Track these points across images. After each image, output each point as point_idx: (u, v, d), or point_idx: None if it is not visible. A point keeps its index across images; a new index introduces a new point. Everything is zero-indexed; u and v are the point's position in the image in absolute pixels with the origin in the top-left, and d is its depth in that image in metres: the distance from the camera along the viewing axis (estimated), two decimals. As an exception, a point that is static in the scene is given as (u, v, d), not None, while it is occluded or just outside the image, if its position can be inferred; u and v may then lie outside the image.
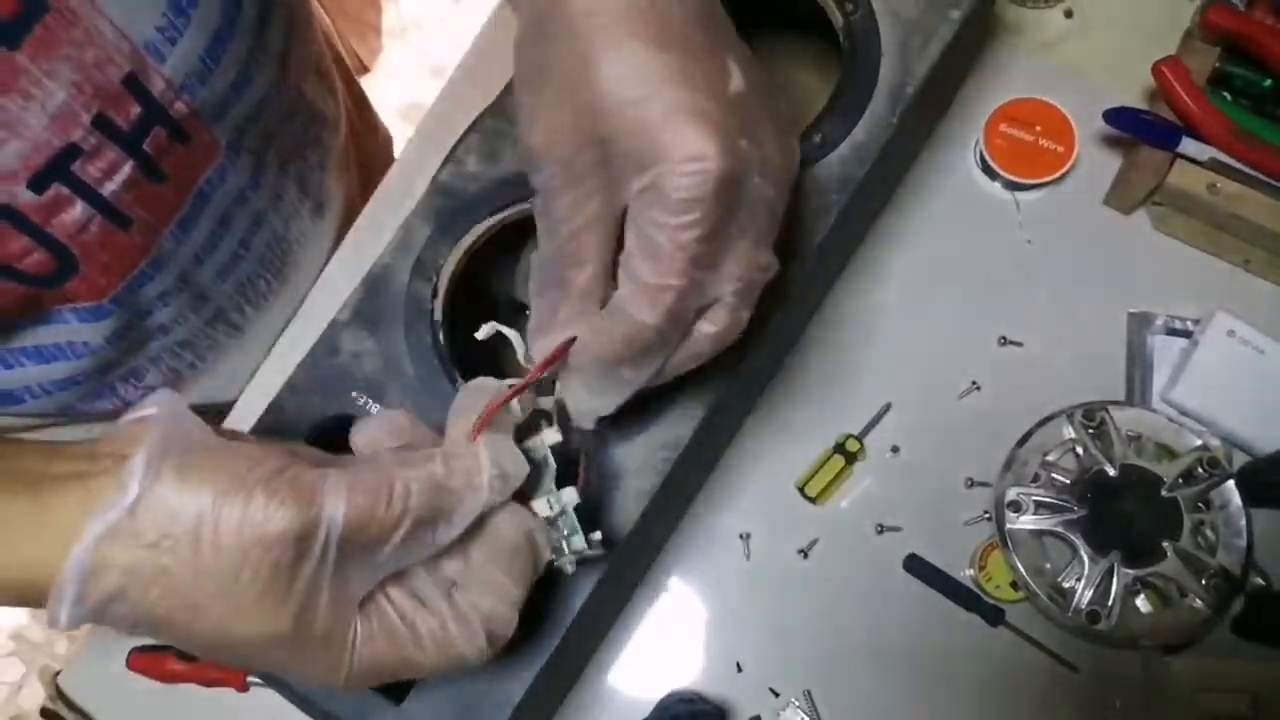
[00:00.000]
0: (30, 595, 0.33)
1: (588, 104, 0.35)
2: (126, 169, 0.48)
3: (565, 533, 0.40)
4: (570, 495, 0.39)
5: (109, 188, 0.48)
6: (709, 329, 0.38)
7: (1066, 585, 0.59)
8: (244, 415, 0.69)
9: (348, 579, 0.34)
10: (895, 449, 0.65)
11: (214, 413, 0.70)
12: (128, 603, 0.32)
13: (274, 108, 0.59)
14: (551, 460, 0.40)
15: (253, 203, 0.61)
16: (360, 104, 0.84)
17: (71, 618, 0.32)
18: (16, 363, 0.54)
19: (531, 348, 0.39)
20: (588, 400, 0.39)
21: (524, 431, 0.39)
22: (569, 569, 0.41)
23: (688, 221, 0.34)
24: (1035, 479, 0.61)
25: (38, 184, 0.45)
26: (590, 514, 0.48)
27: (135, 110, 0.47)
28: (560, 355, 0.37)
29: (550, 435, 0.40)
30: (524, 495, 0.39)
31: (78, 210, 0.47)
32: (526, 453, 0.38)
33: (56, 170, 0.45)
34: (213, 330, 0.64)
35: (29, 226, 0.46)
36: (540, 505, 0.39)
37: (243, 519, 0.32)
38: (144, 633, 0.33)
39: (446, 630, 0.36)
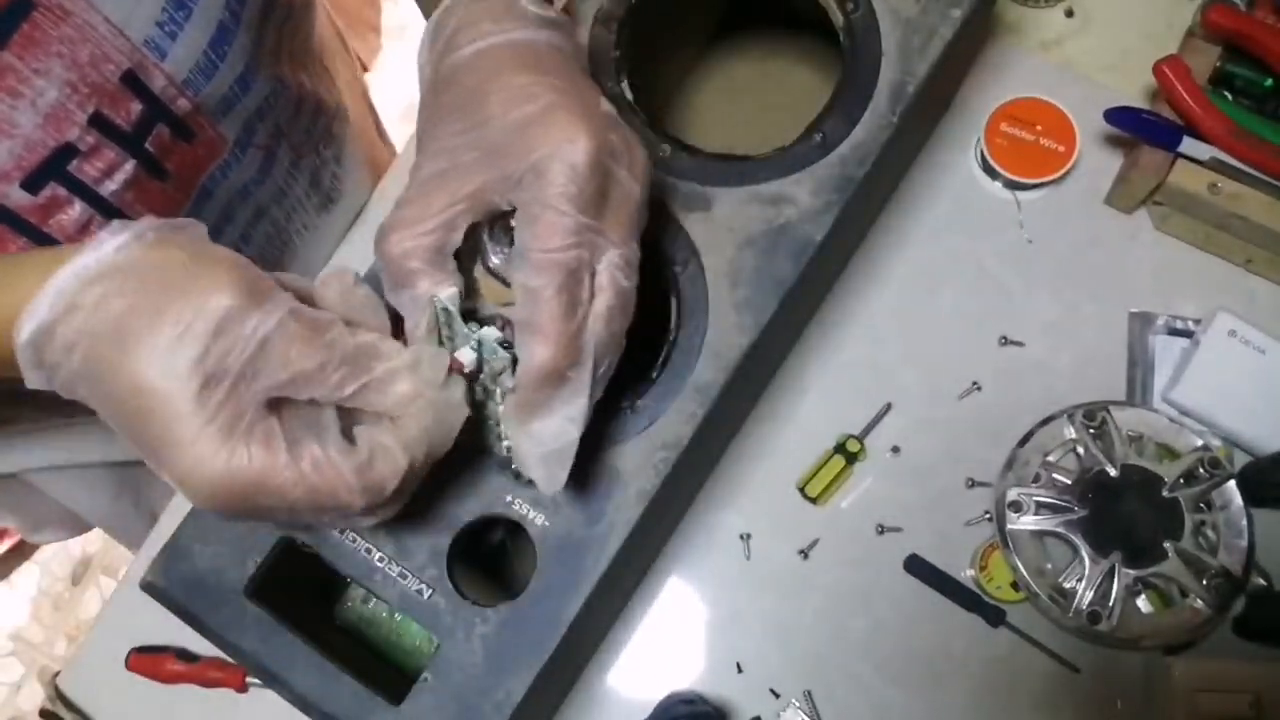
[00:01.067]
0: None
1: (479, 123, 0.39)
2: (128, 168, 0.48)
3: (498, 370, 0.41)
4: (489, 333, 0.41)
5: (109, 187, 0.47)
6: (599, 306, 0.40)
7: (1067, 586, 0.59)
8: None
9: (256, 374, 0.35)
10: (896, 449, 0.65)
11: None
12: (76, 320, 0.35)
13: (282, 102, 0.59)
14: (454, 310, 0.41)
15: (256, 196, 0.60)
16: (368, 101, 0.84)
17: (33, 330, 0.34)
18: None
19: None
20: (551, 424, 0.41)
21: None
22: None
23: (566, 193, 0.38)
24: (1036, 479, 0.61)
25: (32, 184, 0.44)
26: (590, 514, 0.48)
27: (136, 108, 0.46)
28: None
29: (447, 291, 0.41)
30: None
31: (76, 210, 0.47)
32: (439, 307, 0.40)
33: (51, 170, 0.45)
34: None
35: (25, 227, 0.45)
36: (464, 354, 0.40)
37: (198, 275, 0.35)
38: (76, 366, 0.35)
39: (325, 454, 0.36)
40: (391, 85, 1.66)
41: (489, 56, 0.40)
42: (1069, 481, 0.61)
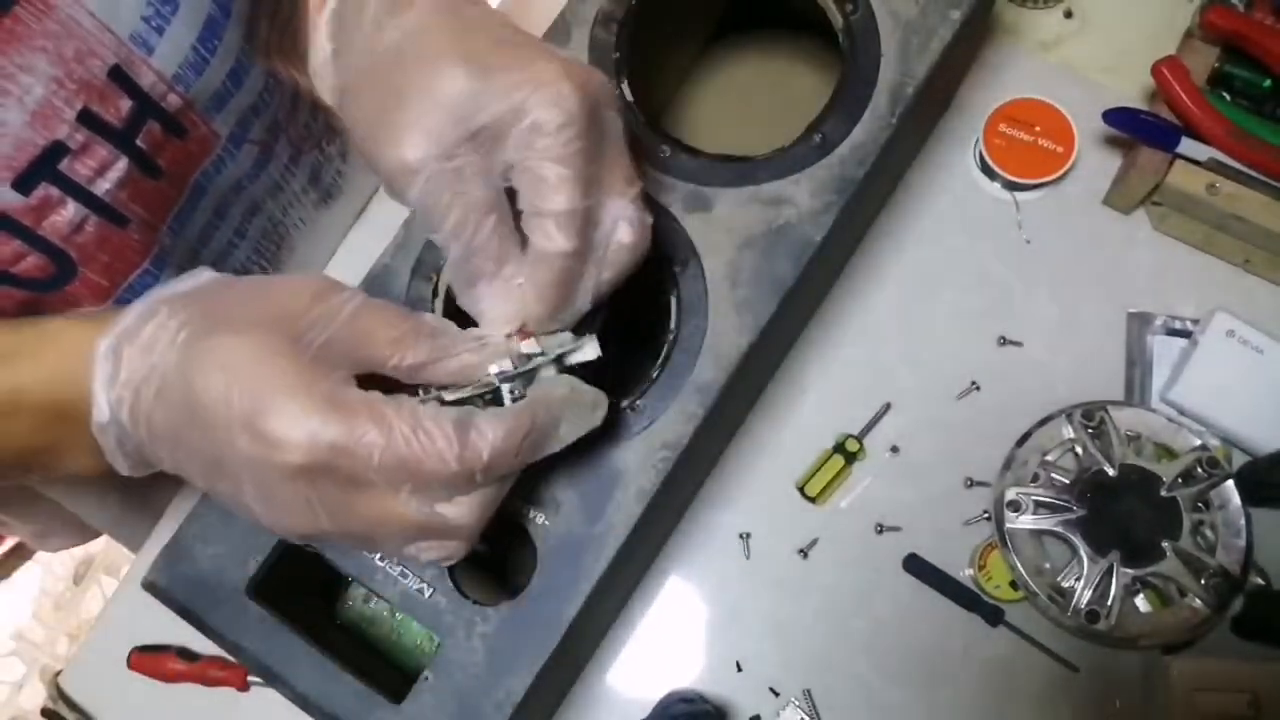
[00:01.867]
0: (70, 392, 0.38)
1: (446, 100, 0.38)
2: (120, 166, 0.47)
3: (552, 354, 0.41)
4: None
5: (102, 186, 0.47)
6: (624, 240, 0.41)
7: (1066, 585, 0.59)
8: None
9: (347, 340, 0.37)
10: (895, 449, 0.65)
11: None
12: (154, 326, 0.38)
13: (278, 96, 0.58)
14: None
15: (250, 191, 0.60)
16: None
17: (108, 401, 0.38)
18: None
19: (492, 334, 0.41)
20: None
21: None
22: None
23: (566, 144, 0.38)
24: (1035, 479, 0.61)
25: (23, 185, 0.43)
26: (590, 514, 0.48)
27: (126, 105, 0.46)
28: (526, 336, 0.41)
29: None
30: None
31: (70, 211, 0.46)
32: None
33: (42, 170, 0.44)
34: None
35: (19, 229, 0.45)
36: (529, 345, 0.41)
37: (273, 282, 0.39)
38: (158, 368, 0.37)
39: (420, 411, 0.36)
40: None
41: (427, 30, 0.40)
42: (1067, 481, 0.61)
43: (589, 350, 0.42)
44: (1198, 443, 0.60)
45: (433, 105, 0.39)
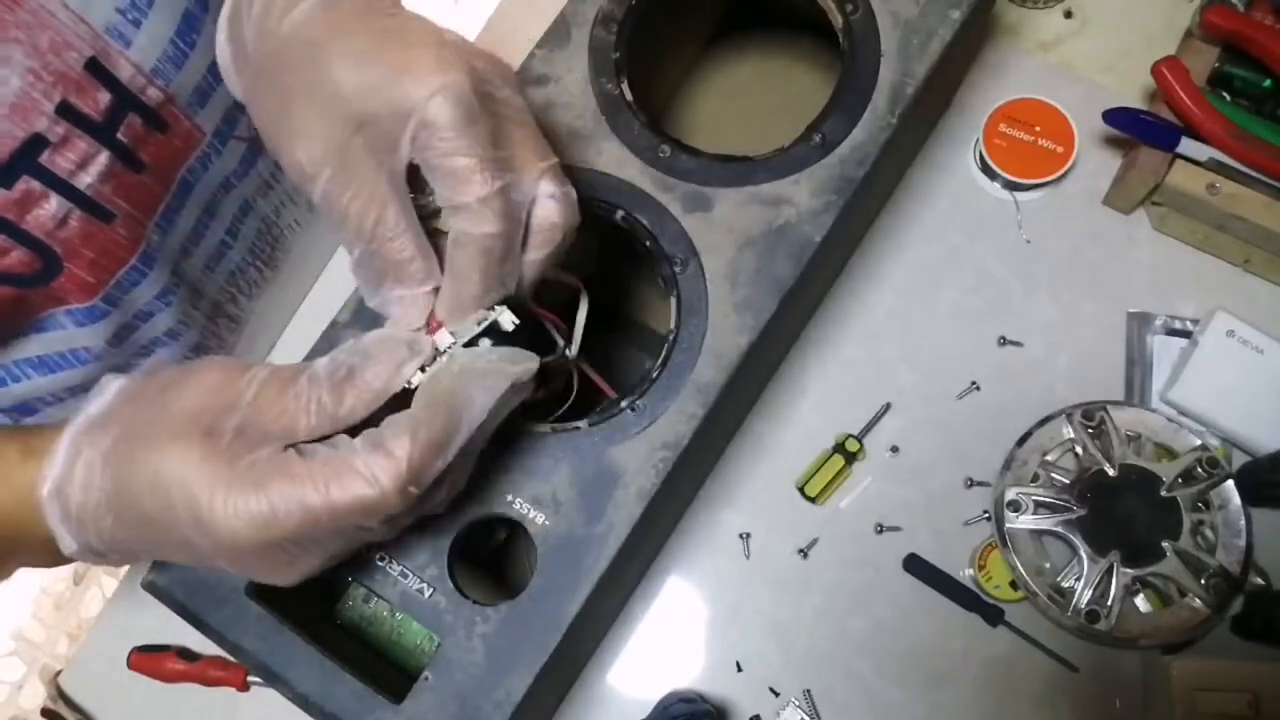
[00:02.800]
0: (29, 520, 0.39)
1: (333, 98, 0.38)
2: (102, 159, 0.47)
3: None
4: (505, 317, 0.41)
5: (84, 180, 0.47)
6: (549, 219, 0.41)
7: (1066, 585, 0.59)
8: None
9: (256, 422, 0.37)
10: (895, 449, 0.65)
11: None
12: (89, 452, 0.38)
13: None
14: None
15: (239, 190, 0.60)
16: None
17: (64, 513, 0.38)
18: (22, 374, 0.54)
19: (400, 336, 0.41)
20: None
21: None
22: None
23: (462, 134, 0.38)
24: (1035, 479, 0.61)
25: (5, 178, 0.43)
26: (590, 514, 0.48)
27: (104, 97, 0.45)
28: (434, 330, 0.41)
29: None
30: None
31: (53, 204, 0.46)
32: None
33: (23, 163, 0.44)
34: (214, 326, 0.64)
35: (2, 224, 0.45)
36: (441, 337, 0.40)
37: (187, 373, 0.39)
38: (97, 495, 0.38)
39: (332, 453, 0.37)
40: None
41: (310, 26, 0.39)
42: (1067, 481, 0.61)
43: (504, 319, 0.41)
44: (1198, 443, 0.60)
45: (319, 105, 0.38)
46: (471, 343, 0.41)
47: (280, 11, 0.40)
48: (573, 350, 0.44)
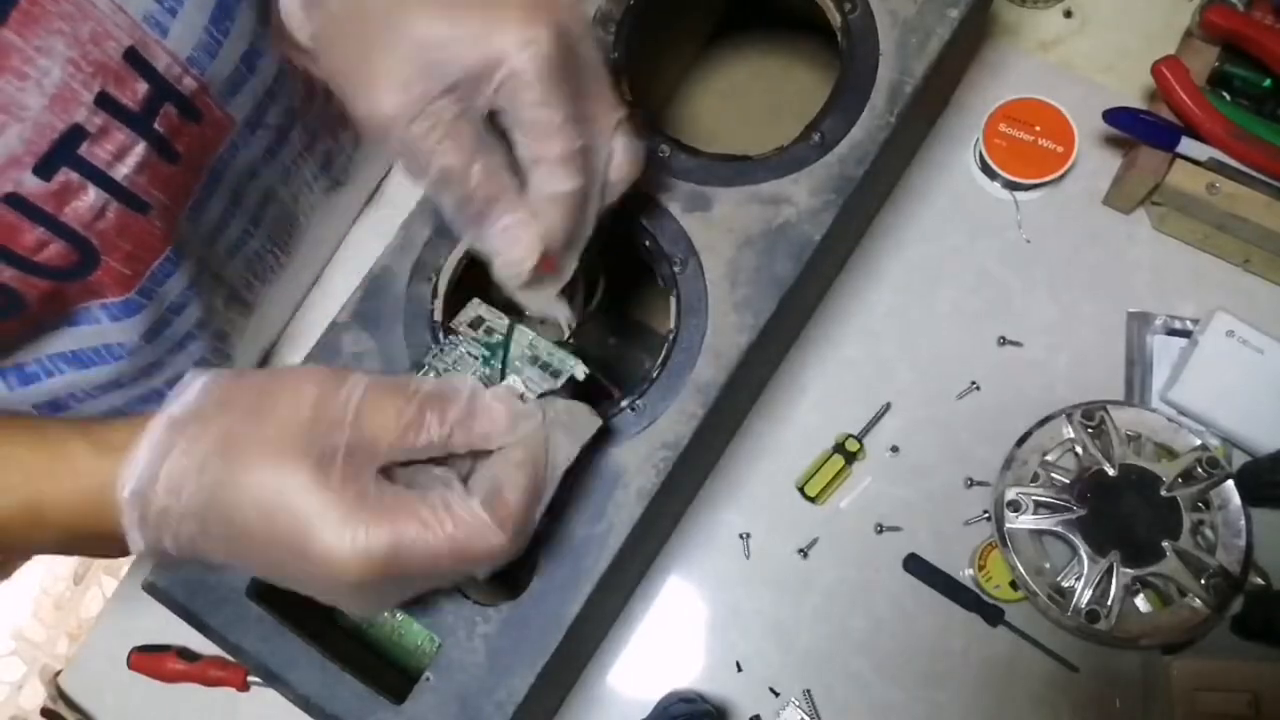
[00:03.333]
0: (96, 518, 0.38)
1: (418, 47, 0.38)
2: (139, 150, 0.47)
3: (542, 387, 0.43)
4: (537, 343, 0.44)
5: (121, 170, 0.47)
6: (622, 171, 0.43)
7: (1066, 585, 0.59)
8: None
9: (363, 442, 0.37)
10: (895, 449, 0.65)
11: None
12: (176, 457, 0.37)
13: (294, 83, 0.58)
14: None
15: (263, 178, 0.60)
16: None
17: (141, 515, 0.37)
18: (55, 369, 0.54)
19: (500, 275, 0.43)
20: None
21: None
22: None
23: (550, 89, 0.38)
24: (1035, 479, 0.61)
25: (44, 169, 0.43)
26: (590, 513, 0.48)
27: (142, 88, 0.45)
28: (549, 268, 0.42)
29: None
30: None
31: (91, 196, 0.46)
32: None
33: (63, 154, 0.44)
34: (230, 312, 0.63)
35: (41, 216, 0.44)
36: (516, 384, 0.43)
37: (280, 381, 0.38)
38: (186, 503, 0.37)
39: (454, 498, 0.37)
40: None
41: None
42: (1067, 481, 0.61)
43: (579, 371, 0.44)
44: (1198, 443, 0.60)
45: (403, 54, 0.38)
46: (545, 393, 0.43)
47: None
48: (580, 373, 0.45)
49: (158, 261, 0.52)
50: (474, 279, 0.50)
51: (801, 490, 0.64)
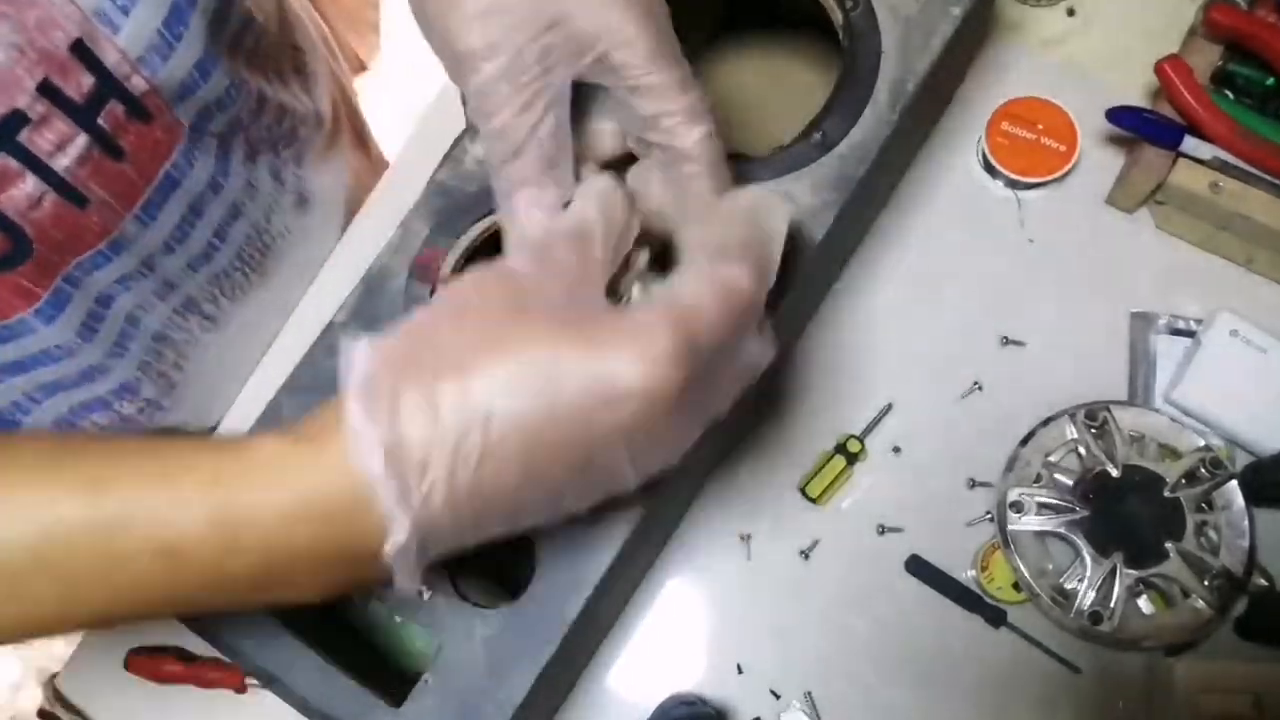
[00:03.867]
0: (341, 523, 0.32)
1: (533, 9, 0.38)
2: (80, 142, 0.46)
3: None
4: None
5: (61, 162, 0.46)
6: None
7: (1069, 586, 0.59)
8: (242, 418, 0.69)
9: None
10: (897, 449, 0.65)
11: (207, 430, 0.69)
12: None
13: (242, 97, 0.58)
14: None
15: (226, 192, 0.59)
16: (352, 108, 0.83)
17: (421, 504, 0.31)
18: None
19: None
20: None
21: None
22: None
23: (665, 52, 0.40)
24: (1037, 479, 0.61)
25: None
26: (591, 514, 0.47)
27: (87, 81, 0.45)
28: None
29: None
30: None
31: (29, 184, 0.45)
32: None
33: (1, 138, 0.43)
34: (184, 321, 0.63)
35: None
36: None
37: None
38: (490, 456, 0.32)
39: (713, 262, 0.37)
40: (391, 85, 1.66)
41: None
42: (1070, 482, 0.61)
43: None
44: (1201, 443, 0.60)
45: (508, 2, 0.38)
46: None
47: None
48: None
49: (88, 254, 0.51)
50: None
51: (803, 491, 0.64)
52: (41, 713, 0.65)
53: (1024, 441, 0.62)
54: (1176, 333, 0.64)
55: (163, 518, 0.31)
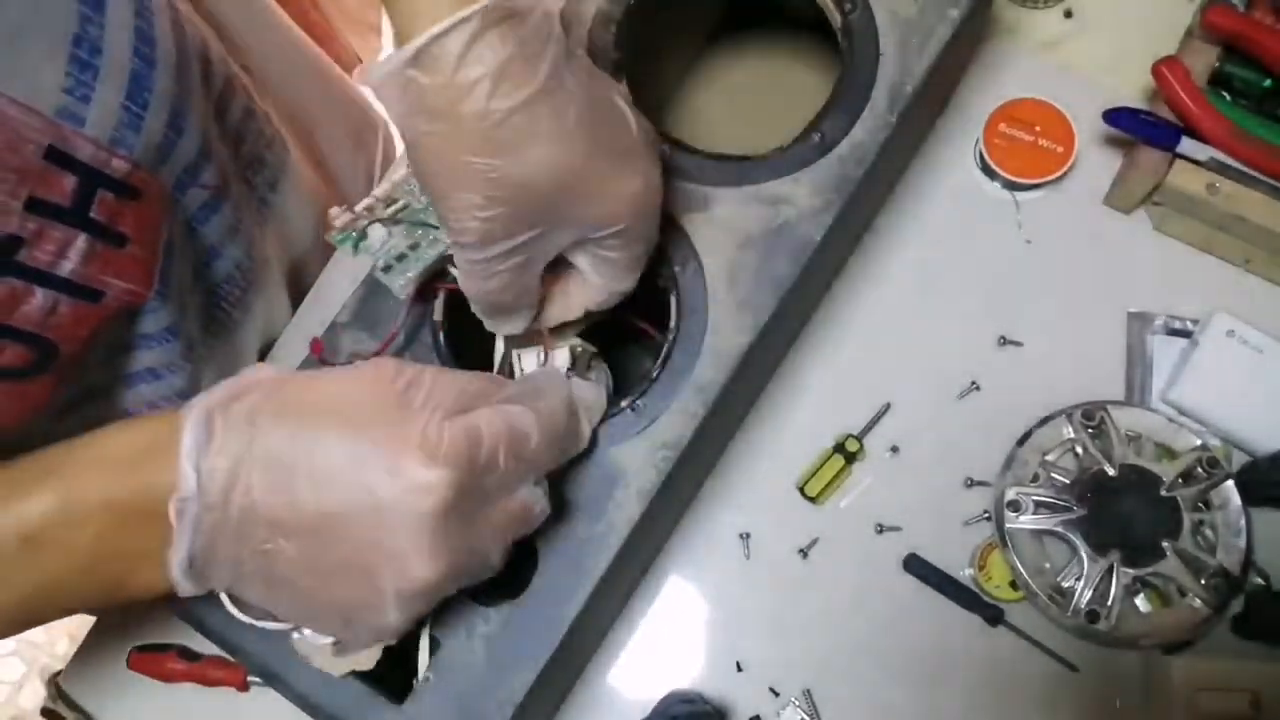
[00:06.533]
0: (143, 520, 0.37)
1: (528, 187, 0.40)
2: (79, 244, 0.45)
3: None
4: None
5: (66, 267, 0.45)
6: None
7: (1066, 585, 0.59)
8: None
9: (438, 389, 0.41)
10: (895, 449, 0.65)
11: None
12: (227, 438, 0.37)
13: (219, 137, 0.56)
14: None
15: (206, 236, 0.58)
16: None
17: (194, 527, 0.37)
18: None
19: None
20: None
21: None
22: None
23: (634, 241, 0.44)
24: (1035, 479, 0.61)
25: None
26: (591, 513, 0.48)
27: (69, 181, 0.44)
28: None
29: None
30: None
31: (39, 298, 0.44)
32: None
33: (1, 265, 0.42)
34: (197, 371, 0.61)
35: None
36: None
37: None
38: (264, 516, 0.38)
39: (539, 405, 0.43)
40: (391, 85, 1.65)
41: (535, 113, 0.39)
42: (1068, 481, 0.61)
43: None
44: (1198, 443, 0.60)
45: (518, 197, 0.40)
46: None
47: (484, 89, 0.38)
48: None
49: (126, 331, 0.53)
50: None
51: (801, 490, 0.64)
52: (44, 711, 0.66)
53: (1021, 441, 0.62)
54: (1173, 333, 0.64)
55: (18, 509, 0.37)
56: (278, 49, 0.74)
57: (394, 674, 0.50)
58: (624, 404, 0.49)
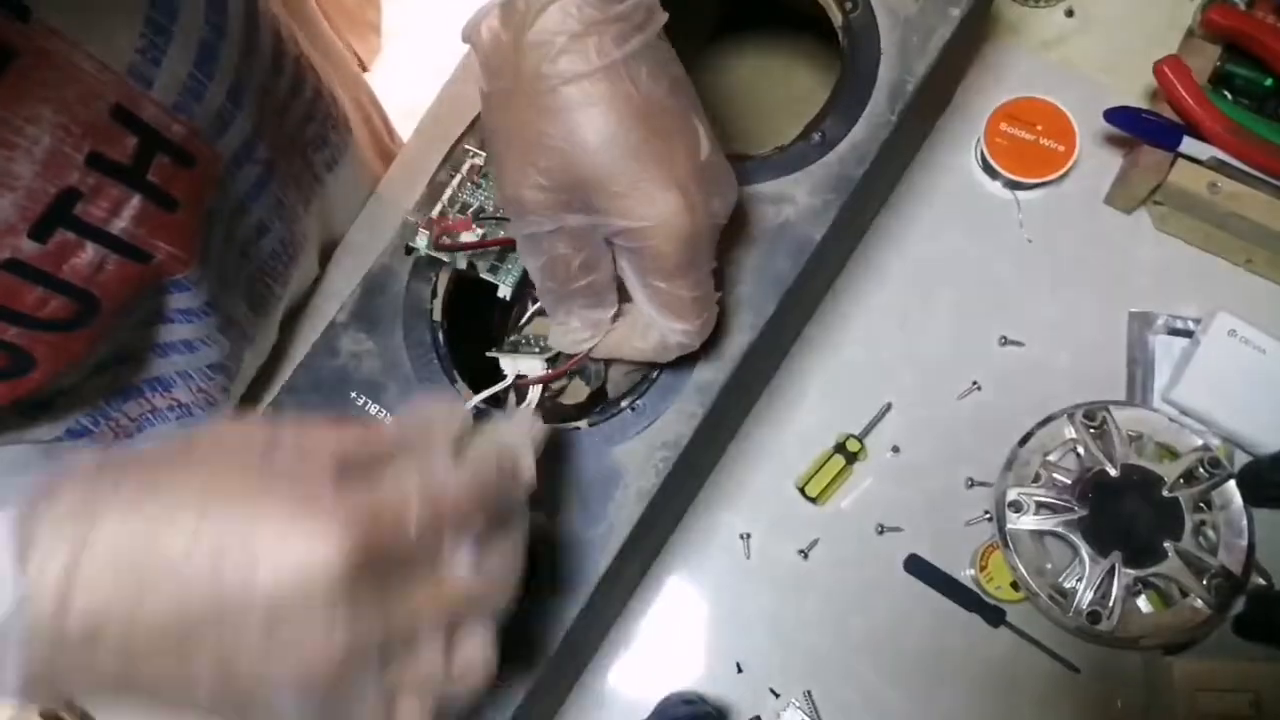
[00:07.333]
0: None
1: (568, 162, 0.39)
2: (134, 203, 0.46)
3: None
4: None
5: (118, 225, 0.46)
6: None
7: (1067, 585, 0.59)
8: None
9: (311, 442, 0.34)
10: (896, 449, 0.65)
11: None
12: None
13: (279, 113, 0.57)
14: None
15: (254, 212, 0.59)
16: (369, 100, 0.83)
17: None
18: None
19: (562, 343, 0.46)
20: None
21: None
22: None
23: (670, 269, 0.41)
24: (1036, 479, 0.61)
25: (39, 233, 0.43)
26: (590, 514, 0.48)
27: (131, 142, 0.45)
28: (579, 362, 0.46)
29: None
30: None
31: (89, 252, 0.45)
32: None
33: (57, 216, 0.43)
34: (235, 346, 0.62)
35: (40, 276, 0.44)
36: None
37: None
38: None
39: (426, 468, 0.33)
40: (392, 85, 1.66)
41: (587, 91, 0.38)
42: (1069, 481, 0.61)
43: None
44: (1199, 443, 0.60)
45: (559, 168, 0.39)
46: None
47: (554, 59, 0.38)
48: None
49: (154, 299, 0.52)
50: (473, 279, 0.50)
51: (802, 490, 0.64)
52: (44, 713, 0.65)
53: (1023, 441, 0.62)
54: (1175, 332, 0.64)
55: None
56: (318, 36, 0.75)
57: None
58: (624, 404, 0.49)
